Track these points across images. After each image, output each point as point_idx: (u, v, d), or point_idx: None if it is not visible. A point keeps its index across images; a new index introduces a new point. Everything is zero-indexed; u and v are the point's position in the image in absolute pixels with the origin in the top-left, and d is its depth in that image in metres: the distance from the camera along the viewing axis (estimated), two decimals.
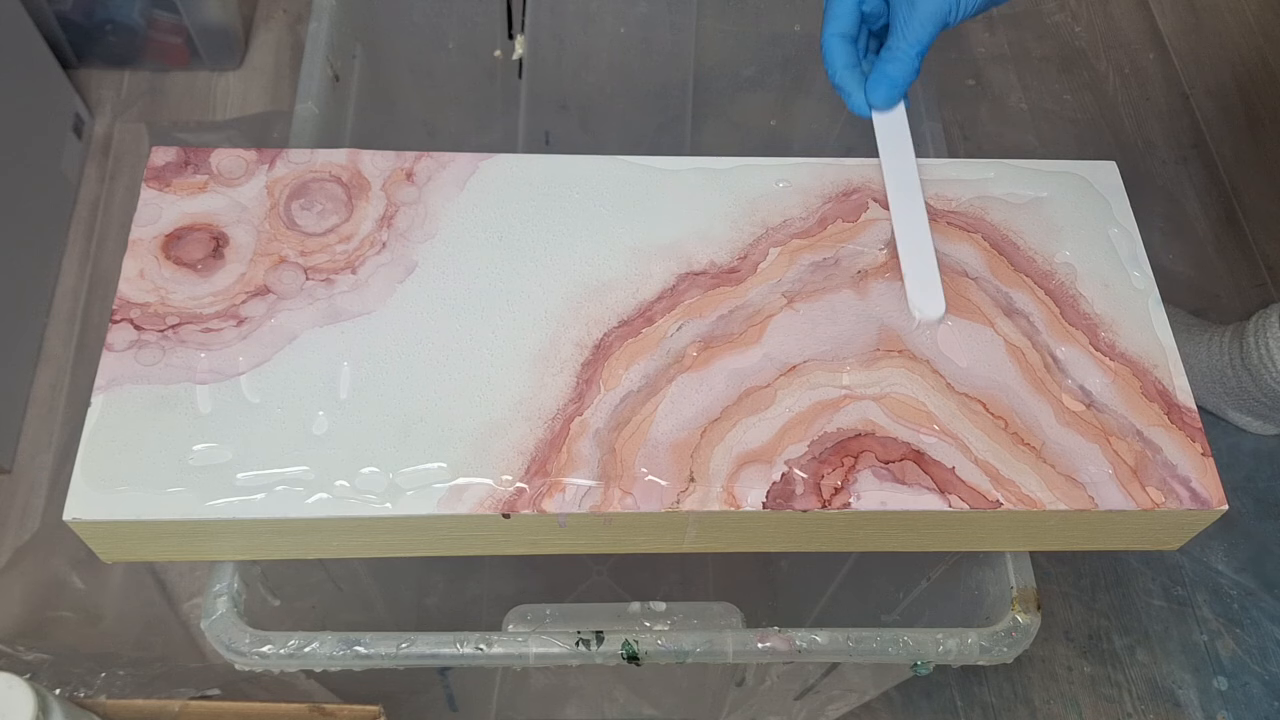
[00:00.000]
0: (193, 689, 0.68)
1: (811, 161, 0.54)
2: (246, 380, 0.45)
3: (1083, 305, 0.51)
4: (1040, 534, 0.47)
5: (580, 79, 0.81)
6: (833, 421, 0.46)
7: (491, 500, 0.43)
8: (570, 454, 0.44)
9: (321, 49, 0.62)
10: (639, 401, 0.46)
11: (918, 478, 0.45)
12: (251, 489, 0.43)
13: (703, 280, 0.50)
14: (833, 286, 0.50)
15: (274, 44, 1.18)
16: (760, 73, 0.82)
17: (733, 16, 0.77)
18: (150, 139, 1.10)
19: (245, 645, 0.46)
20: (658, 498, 0.44)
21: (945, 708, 0.87)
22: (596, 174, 0.53)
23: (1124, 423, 0.47)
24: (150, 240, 0.49)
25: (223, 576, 0.47)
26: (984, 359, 0.48)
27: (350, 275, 0.48)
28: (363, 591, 0.65)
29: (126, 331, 0.46)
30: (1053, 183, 0.55)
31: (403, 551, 0.46)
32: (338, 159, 0.52)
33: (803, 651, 0.47)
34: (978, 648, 0.48)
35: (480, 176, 0.52)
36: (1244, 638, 0.91)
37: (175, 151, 0.51)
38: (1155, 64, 1.26)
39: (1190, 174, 1.16)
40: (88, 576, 0.86)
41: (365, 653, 0.46)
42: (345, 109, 0.65)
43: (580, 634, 0.47)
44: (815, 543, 0.47)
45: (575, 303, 0.49)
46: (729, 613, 0.50)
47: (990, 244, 0.52)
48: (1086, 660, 0.89)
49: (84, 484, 0.42)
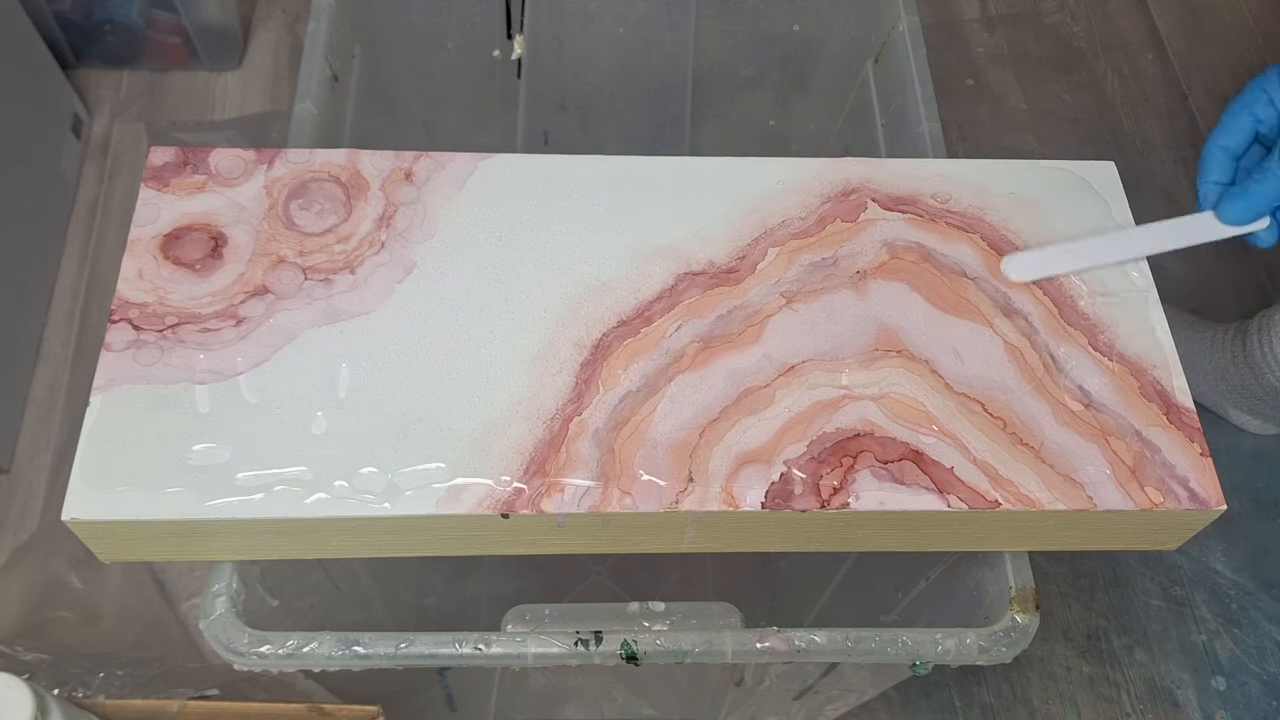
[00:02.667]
0: (191, 689, 0.68)
1: (810, 161, 0.54)
2: (245, 380, 0.45)
3: (1081, 305, 0.51)
4: (1039, 534, 0.47)
5: (579, 79, 0.81)
6: (831, 421, 0.46)
7: (490, 500, 0.43)
8: (569, 454, 0.44)
9: (320, 49, 0.62)
10: (638, 401, 0.46)
11: (916, 478, 0.45)
12: (250, 489, 0.43)
13: (702, 280, 0.50)
14: (831, 286, 0.50)
15: (273, 44, 1.18)
16: (759, 73, 0.82)
17: (731, 17, 0.77)
18: (149, 139, 1.09)
19: (244, 645, 0.46)
20: (656, 498, 0.44)
21: (944, 708, 0.87)
22: (595, 174, 0.53)
23: (1123, 423, 0.47)
24: (149, 240, 0.49)
25: (221, 576, 0.47)
26: (983, 359, 0.48)
27: (349, 275, 0.48)
28: (361, 591, 0.65)
29: (125, 331, 0.46)
30: (1051, 183, 0.55)
31: (401, 551, 0.46)
32: (336, 159, 0.52)
33: (801, 651, 0.47)
34: (976, 648, 0.48)
35: (479, 177, 0.52)
36: (1242, 638, 0.91)
37: (174, 151, 0.51)
38: (1154, 64, 1.26)
39: (1189, 174, 1.16)
40: (86, 576, 0.85)
41: (364, 653, 0.46)
42: (344, 109, 0.65)
43: (579, 634, 0.47)
44: (814, 543, 0.47)
45: (574, 303, 0.49)
46: (728, 613, 0.50)
47: (989, 244, 0.52)
48: (1085, 660, 0.89)
49: (82, 484, 0.42)
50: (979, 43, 1.27)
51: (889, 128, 0.68)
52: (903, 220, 0.52)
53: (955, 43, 1.26)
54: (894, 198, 0.53)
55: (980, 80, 1.23)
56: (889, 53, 0.68)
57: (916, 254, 0.51)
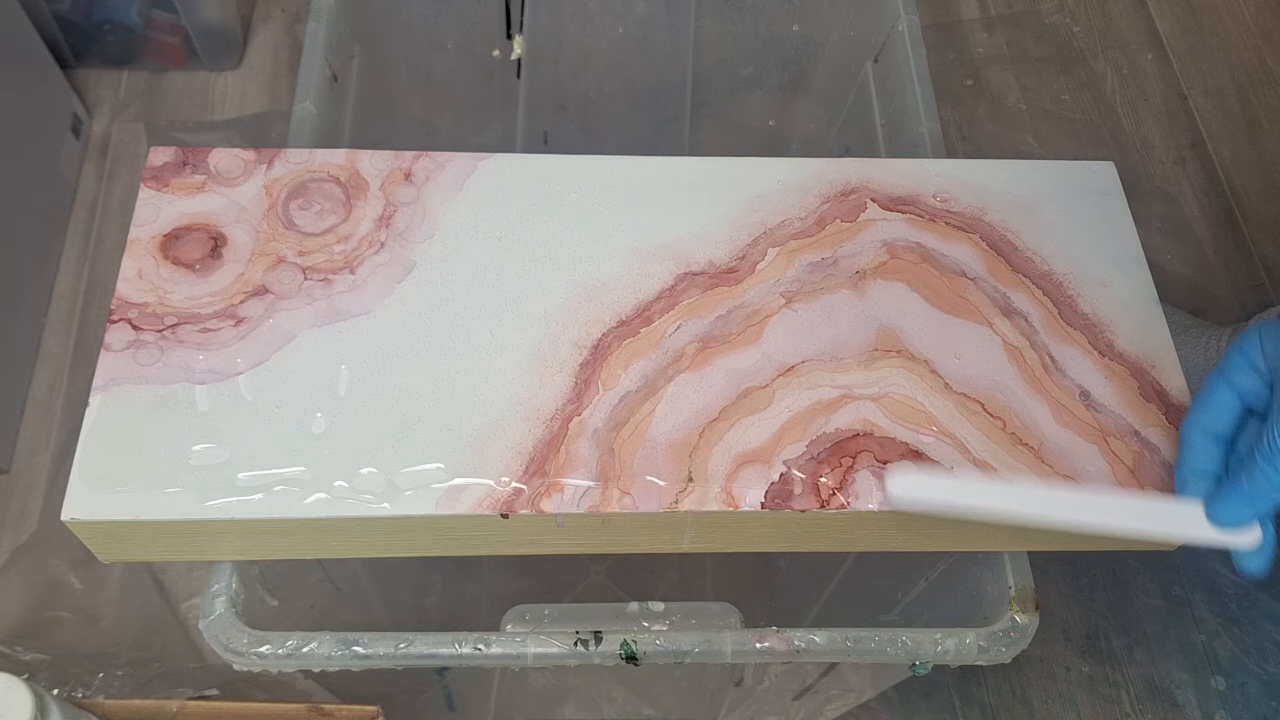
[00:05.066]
0: (191, 689, 0.68)
1: (810, 161, 0.54)
2: (245, 380, 0.45)
3: (1081, 305, 0.51)
4: (1038, 534, 0.47)
5: (579, 79, 0.81)
6: (831, 422, 0.46)
7: (490, 500, 0.43)
8: (569, 454, 0.44)
9: (320, 49, 0.62)
10: (637, 401, 0.46)
11: None
12: (250, 489, 0.43)
13: (701, 280, 0.50)
14: (831, 287, 0.50)
15: (272, 44, 1.18)
16: (759, 73, 0.82)
17: (731, 17, 0.77)
18: (148, 139, 1.09)
19: (243, 645, 0.46)
20: (656, 498, 0.44)
21: (943, 708, 0.87)
22: (595, 174, 0.53)
23: (1122, 423, 0.47)
24: (148, 240, 0.49)
25: (221, 577, 0.47)
26: (982, 359, 0.48)
27: (349, 275, 0.48)
28: (361, 592, 0.65)
29: (124, 331, 0.46)
30: (1051, 183, 0.55)
31: (401, 552, 0.46)
32: (336, 159, 0.52)
33: (801, 651, 0.47)
34: (976, 648, 0.48)
35: (479, 176, 0.52)
36: (1242, 638, 0.91)
37: (173, 151, 0.51)
38: (1153, 64, 1.26)
39: (1188, 174, 1.16)
40: (86, 577, 0.85)
41: (363, 653, 0.46)
42: (343, 109, 0.65)
43: (578, 634, 0.47)
44: (814, 543, 0.47)
45: (574, 303, 0.49)
46: (727, 613, 0.50)
47: (988, 244, 0.52)
48: (1085, 660, 0.89)
49: (82, 484, 0.42)
50: (978, 43, 1.27)
51: (888, 128, 0.68)
52: (902, 220, 0.52)
53: (955, 43, 1.26)
54: (893, 198, 0.53)
55: (980, 80, 1.23)
56: (888, 53, 0.68)
57: (916, 254, 0.51)
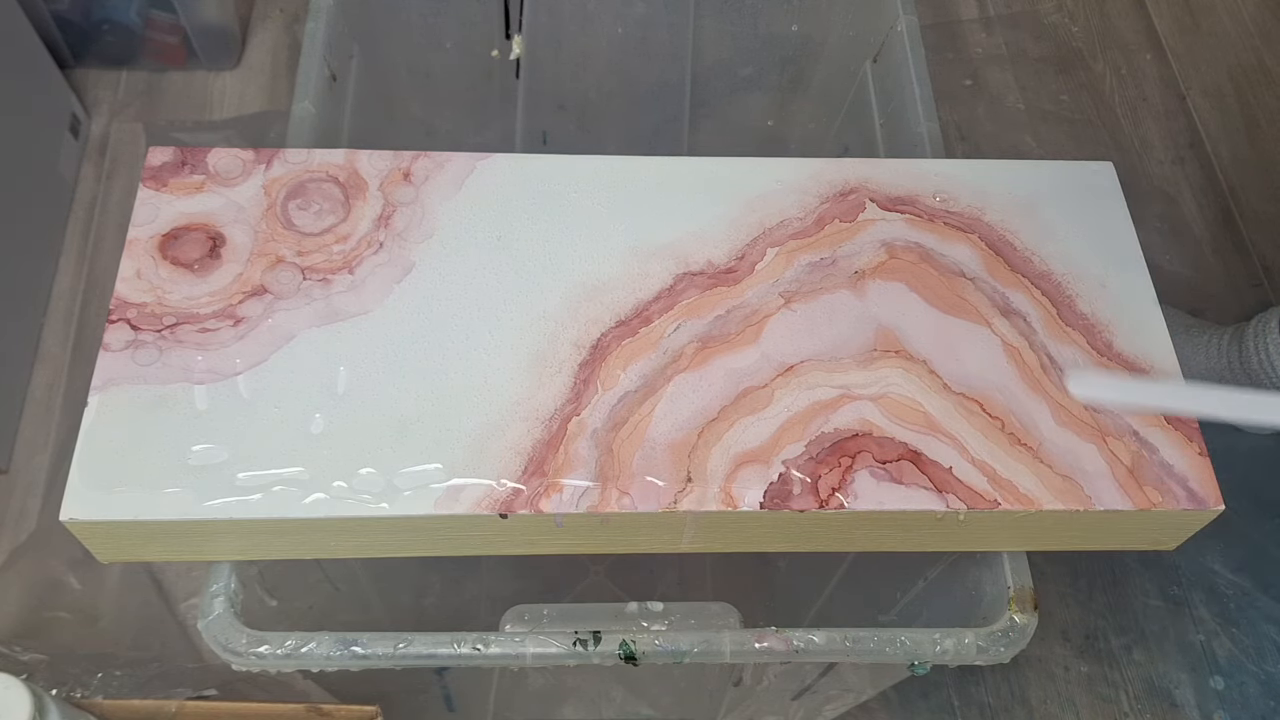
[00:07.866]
0: (189, 689, 0.68)
1: (809, 161, 0.54)
2: (244, 380, 0.45)
3: (1080, 305, 0.51)
4: (1037, 534, 0.47)
5: (578, 79, 0.81)
6: (830, 422, 0.46)
7: (489, 500, 0.43)
8: (568, 454, 0.44)
9: (319, 49, 0.62)
10: (636, 402, 0.46)
11: (915, 478, 0.45)
12: (248, 489, 0.43)
13: (700, 280, 0.50)
14: (830, 287, 0.50)
15: (271, 44, 1.18)
16: (758, 73, 0.82)
17: (730, 16, 0.77)
18: (147, 139, 1.09)
19: (242, 645, 0.46)
20: (655, 498, 0.44)
21: (942, 707, 0.87)
22: (594, 174, 0.53)
23: (1121, 423, 0.47)
24: (147, 240, 0.49)
25: (220, 577, 0.47)
26: (981, 359, 0.48)
27: (347, 275, 0.48)
28: (360, 592, 0.65)
29: (123, 331, 0.46)
30: (1050, 183, 0.55)
31: (400, 552, 0.46)
32: (335, 159, 0.52)
33: (800, 651, 0.47)
34: (975, 648, 0.48)
35: (477, 176, 0.52)
36: (1240, 637, 0.91)
37: (172, 151, 0.51)
38: (1152, 64, 1.26)
39: (1187, 174, 1.16)
40: (84, 577, 0.85)
41: (362, 653, 0.46)
42: (342, 109, 0.65)
43: (578, 634, 0.47)
44: (813, 543, 0.47)
45: (573, 303, 0.49)
46: (726, 613, 0.50)
47: (987, 244, 0.52)
48: (1083, 660, 0.89)
49: (80, 484, 0.42)
50: (977, 43, 1.27)
51: (887, 128, 0.68)
52: (901, 220, 0.52)
53: (953, 43, 1.26)
54: (892, 198, 0.53)
55: (978, 80, 1.23)
56: (887, 53, 0.68)
57: (915, 254, 0.51)
